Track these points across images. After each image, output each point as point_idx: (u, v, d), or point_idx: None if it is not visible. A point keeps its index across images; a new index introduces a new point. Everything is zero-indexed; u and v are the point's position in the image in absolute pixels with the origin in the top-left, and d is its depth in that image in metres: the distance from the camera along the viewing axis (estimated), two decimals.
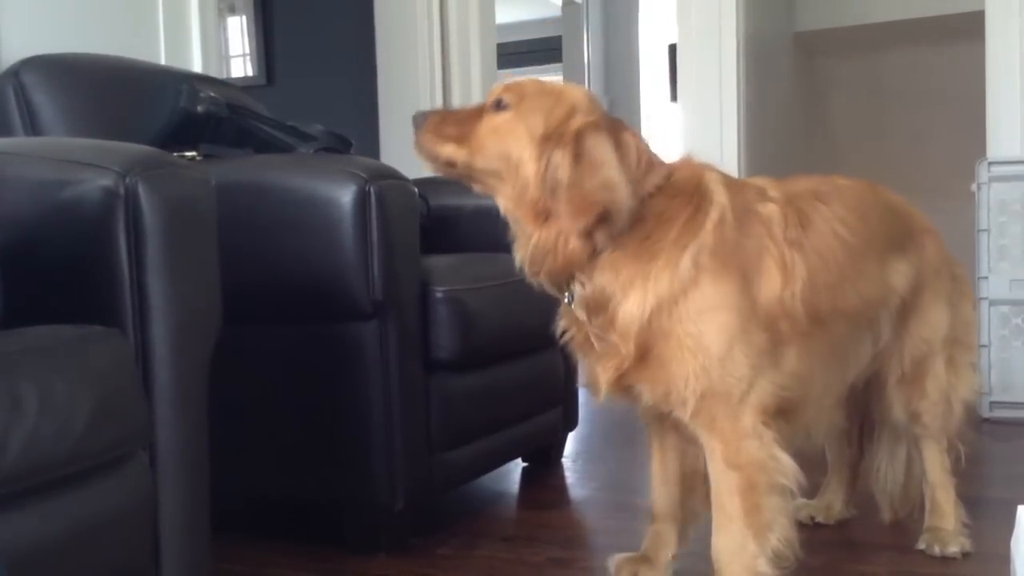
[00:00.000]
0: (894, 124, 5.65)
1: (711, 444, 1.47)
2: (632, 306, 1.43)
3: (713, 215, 1.46)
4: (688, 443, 1.63)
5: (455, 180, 1.55)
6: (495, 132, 1.46)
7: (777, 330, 1.48)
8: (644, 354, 1.44)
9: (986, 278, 3.05)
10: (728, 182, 1.54)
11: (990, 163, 3.06)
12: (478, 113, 1.50)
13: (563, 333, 1.55)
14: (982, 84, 3.26)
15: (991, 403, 3.03)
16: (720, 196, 1.49)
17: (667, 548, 1.68)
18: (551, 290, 1.51)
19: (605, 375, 1.48)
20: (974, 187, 3.08)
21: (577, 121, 1.42)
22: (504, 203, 1.48)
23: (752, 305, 1.46)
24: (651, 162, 1.48)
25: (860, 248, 1.60)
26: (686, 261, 1.43)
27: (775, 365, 1.48)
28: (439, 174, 1.55)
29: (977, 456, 2.61)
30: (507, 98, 1.47)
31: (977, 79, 3.31)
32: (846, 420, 1.95)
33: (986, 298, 3.04)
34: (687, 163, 1.54)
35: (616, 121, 1.49)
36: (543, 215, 1.42)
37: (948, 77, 5.29)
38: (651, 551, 1.69)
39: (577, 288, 1.47)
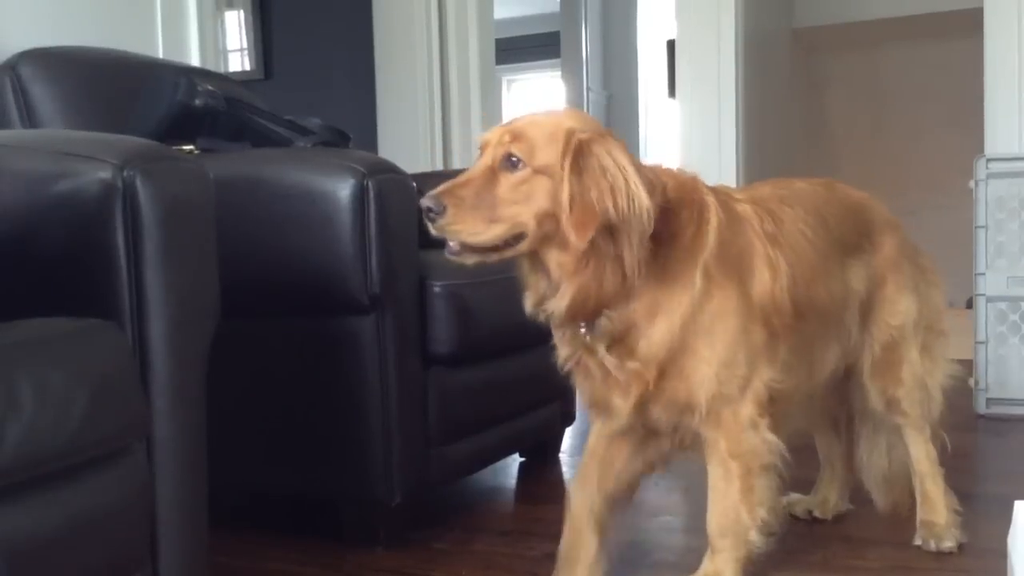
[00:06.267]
0: (892, 120, 5.66)
1: (715, 438, 1.51)
2: (660, 334, 1.42)
3: (713, 222, 1.48)
4: (645, 442, 1.62)
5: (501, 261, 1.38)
6: (526, 196, 1.34)
7: (771, 325, 1.52)
8: (664, 375, 1.45)
9: (983, 275, 3.05)
10: (708, 187, 1.56)
11: (988, 160, 3.06)
12: (491, 177, 1.35)
13: (565, 361, 1.51)
14: (980, 81, 3.26)
15: (987, 400, 3.03)
16: (712, 201, 1.51)
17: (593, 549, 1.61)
18: (566, 327, 1.44)
19: (626, 402, 1.47)
20: (972, 184, 3.08)
21: (577, 138, 1.34)
22: (557, 260, 1.37)
23: (749, 304, 1.50)
24: (651, 180, 1.41)
25: (824, 249, 1.65)
26: (698, 277, 1.44)
27: (771, 360, 1.52)
28: (477, 264, 1.38)
29: (973, 452, 2.63)
30: (517, 152, 1.34)
31: (975, 76, 3.31)
32: (822, 416, 1.98)
33: (983, 295, 3.04)
34: (672, 173, 1.50)
35: (617, 140, 1.42)
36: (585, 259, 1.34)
37: (946, 74, 5.30)
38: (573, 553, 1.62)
39: (603, 322, 1.41)
